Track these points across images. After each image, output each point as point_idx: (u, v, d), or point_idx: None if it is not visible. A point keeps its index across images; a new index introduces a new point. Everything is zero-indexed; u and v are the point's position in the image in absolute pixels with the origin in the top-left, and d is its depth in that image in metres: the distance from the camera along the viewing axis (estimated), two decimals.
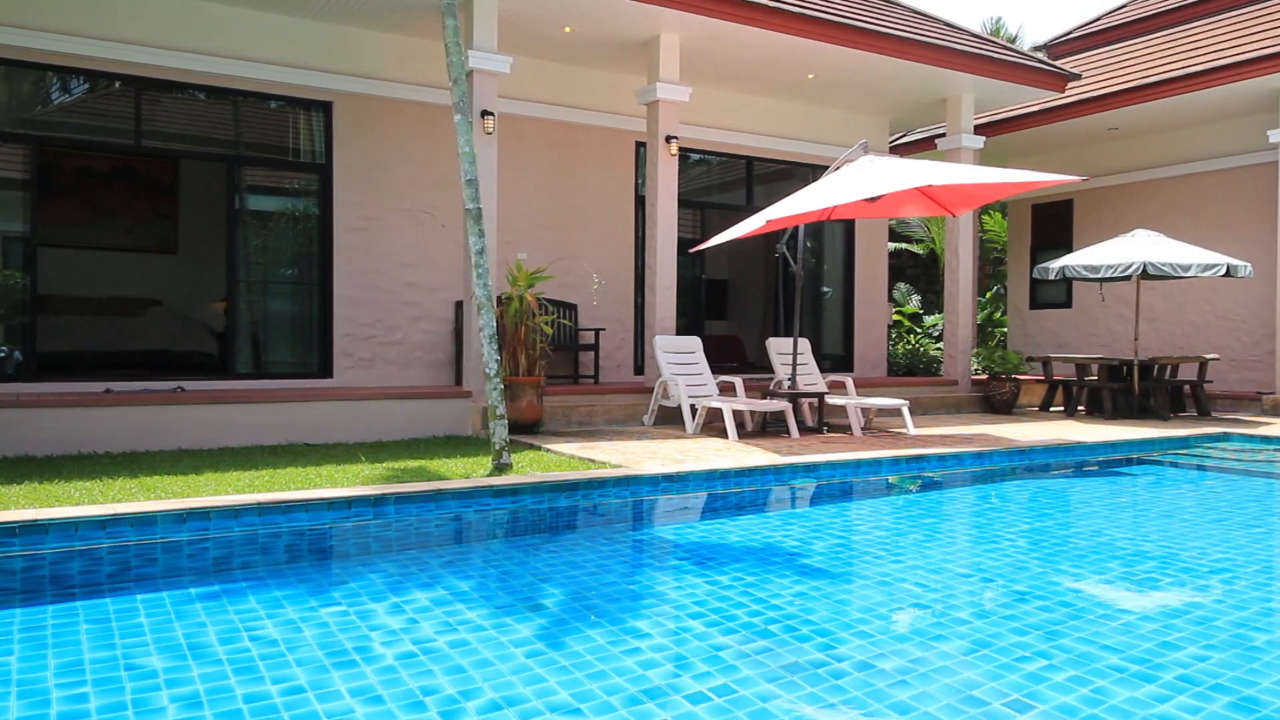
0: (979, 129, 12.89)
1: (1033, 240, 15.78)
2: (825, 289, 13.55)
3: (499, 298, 8.65)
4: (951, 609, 3.88)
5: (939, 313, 18.00)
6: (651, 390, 9.66)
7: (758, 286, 14.97)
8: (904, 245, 19.97)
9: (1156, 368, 11.47)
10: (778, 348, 10.23)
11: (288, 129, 9.71)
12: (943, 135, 12.47)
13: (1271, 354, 12.18)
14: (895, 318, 17.51)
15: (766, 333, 12.60)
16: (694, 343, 9.85)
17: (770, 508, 6.46)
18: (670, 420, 9.61)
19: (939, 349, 14.00)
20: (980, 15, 49.70)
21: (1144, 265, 10.26)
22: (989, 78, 11.39)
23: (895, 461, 7.37)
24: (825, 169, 10.00)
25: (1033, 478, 7.68)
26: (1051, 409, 12.25)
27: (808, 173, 12.44)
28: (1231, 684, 2.91)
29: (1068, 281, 14.48)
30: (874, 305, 13.56)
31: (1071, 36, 15.88)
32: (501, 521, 5.58)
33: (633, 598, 3.95)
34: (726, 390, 9.91)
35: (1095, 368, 11.81)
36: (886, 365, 13.66)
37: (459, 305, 9.85)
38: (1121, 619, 3.75)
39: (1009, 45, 12.30)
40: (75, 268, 10.57)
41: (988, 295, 19.44)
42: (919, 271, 20.67)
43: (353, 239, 9.71)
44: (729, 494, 6.48)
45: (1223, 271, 10.34)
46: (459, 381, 9.57)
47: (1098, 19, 15.88)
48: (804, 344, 10.31)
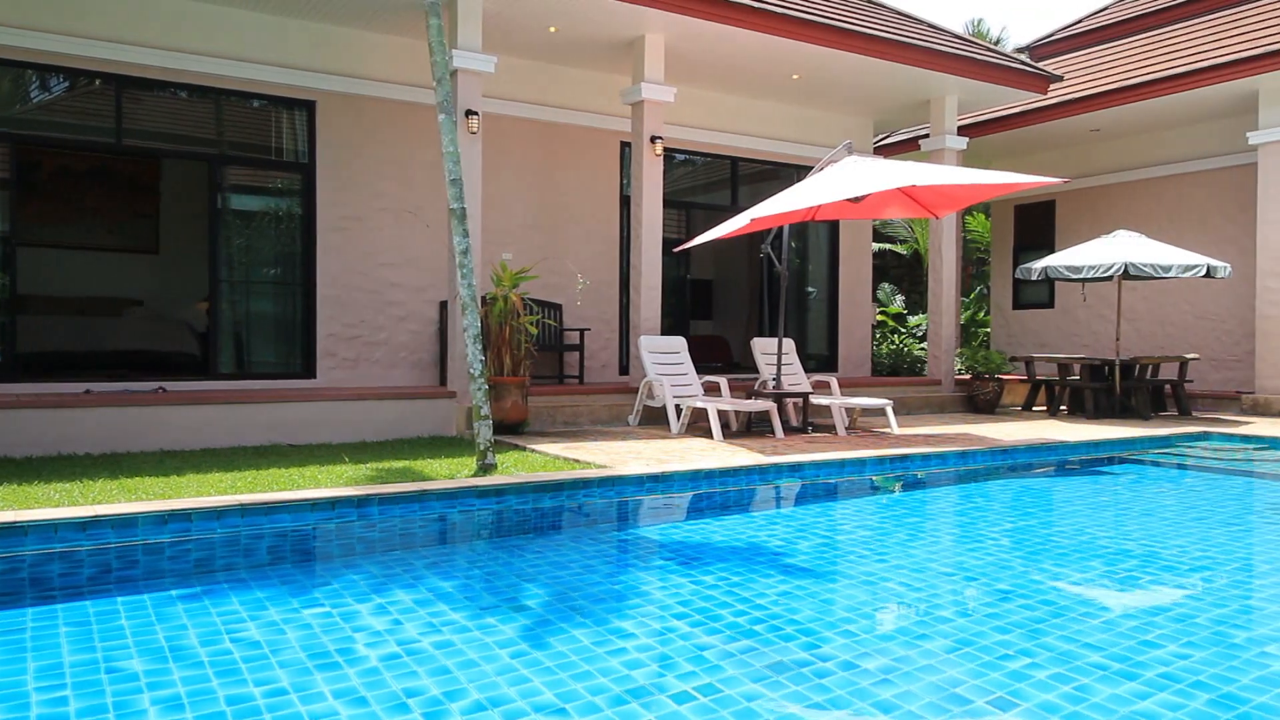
0: (962, 130, 12.96)
1: (1015, 241, 15.88)
2: (810, 289, 13.59)
3: (484, 298, 8.63)
4: (935, 608, 3.89)
5: (923, 313, 18.08)
6: (636, 390, 9.66)
7: (742, 287, 14.99)
8: (888, 246, 20.04)
9: (1138, 367, 11.56)
10: (762, 348, 10.25)
11: (270, 128, 9.65)
12: (926, 136, 12.53)
13: (1251, 354, 12.30)
14: (879, 318, 17.58)
15: (751, 333, 12.62)
16: (679, 343, 9.85)
17: (755, 507, 6.47)
18: (655, 420, 9.61)
19: (923, 349, 14.06)
20: (962, 17, 49.97)
21: (1125, 266, 10.34)
22: (972, 79, 11.45)
23: (879, 461, 7.40)
24: (810, 169, 10.02)
25: (1016, 477, 7.72)
26: (1034, 408, 12.32)
27: (792, 173, 12.47)
28: (1211, 681, 2.93)
29: (1050, 282, 14.58)
30: (858, 305, 13.60)
31: (1054, 38, 15.98)
32: (486, 522, 5.57)
33: (617, 598, 3.95)
34: (711, 390, 9.92)
35: (1077, 367, 11.89)
36: (871, 365, 13.71)
37: (443, 305, 9.82)
38: (1103, 617, 3.78)
39: (992, 47, 12.36)
40: (55, 267, 10.47)
41: (971, 295, 19.54)
42: (903, 272, 20.75)
43: (336, 239, 9.67)
44: (714, 494, 6.48)
45: (1203, 272, 10.43)
46: (443, 382, 9.54)
47: (1080, 21, 16.00)
48: (789, 344, 10.33)
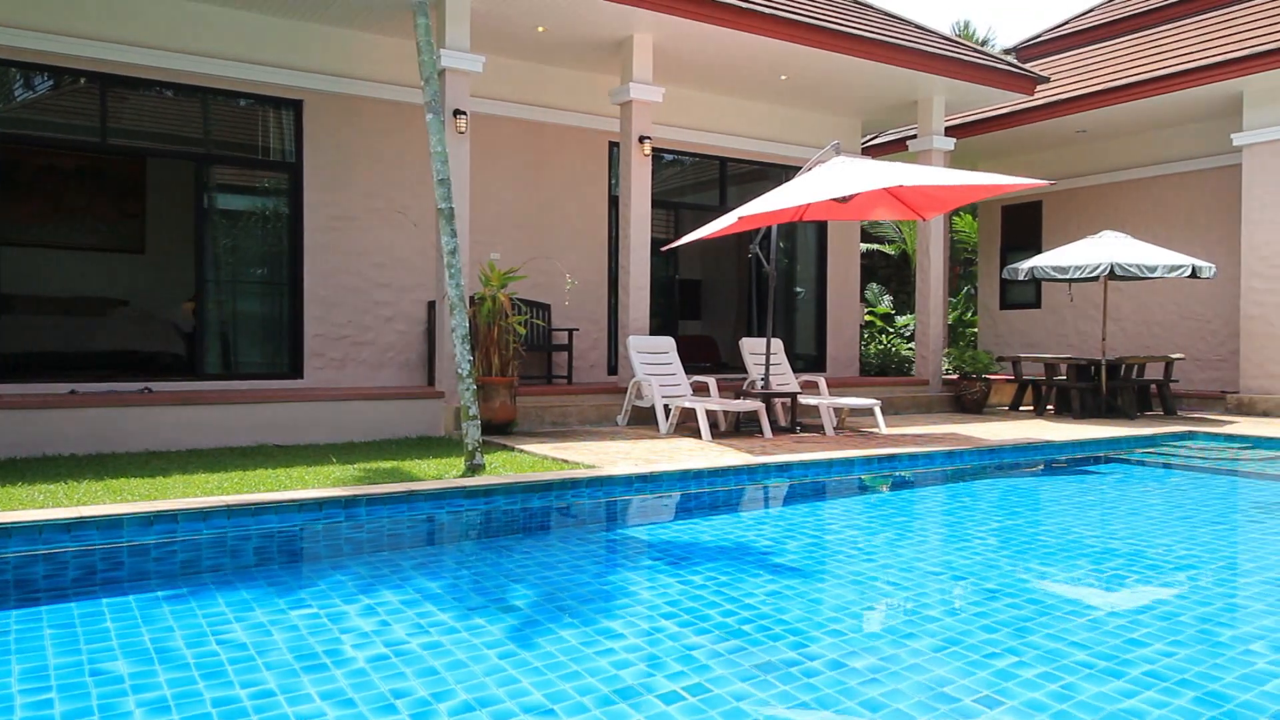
0: (950, 131, 13.02)
1: (1003, 241, 15.95)
2: (798, 289, 13.62)
3: (472, 298, 8.62)
4: (923, 607, 3.91)
5: (910, 313, 18.13)
6: (625, 390, 9.65)
7: (731, 287, 15.02)
8: (876, 246, 20.09)
9: (1123, 367, 11.63)
10: (751, 348, 10.26)
11: (257, 127, 9.61)
12: (914, 137, 12.57)
13: (1235, 353, 12.38)
14: (867, 318, 17.62)
15: (740, 333, 12.64)
16: (667, 343, 9.86)
17: (743, 507, 6.48)
18: (644, 420, 9.61)
19: (911, 349, 14.11)
20: (949, 18, 50.15)
21: (1111, 266, 10.40)
22: (959, 80, 11.49)
23: (867, 461, 7.42)
24: (798, 170, 10.05)
25: (1003, 476, 7.75)
26: (1021, 408, 12.38)
27: (780, 173, 12.49)
28: (1197, 679, 2.95)
29: (1037, 282, 14.64)
30: (846, 305, 13.64)
31: (1040, 40, 16.06)
32: (474, 523, 5.56)
33: (606, 598, 3.95)
34: (700, 390, 9.93)
35: (1064, 367, 11.95)
36: (859, 365, 13.75)
37: (432, 305, 9.80)
38: (1089, 615, 3.80)
39: (979, 48, 12.41)
40: (39, 267, 10.41)
41: (958, 296, 19.60)
42: (891, 272, 20.80)
43: (324, 238, 9.63)
44: (702, 494, 6.49)
45: (1188, 272, 10.50)
46: (431, 382, 9.52)
47: (1066, 22, 16.07)
48: (777, 344, 10.35)
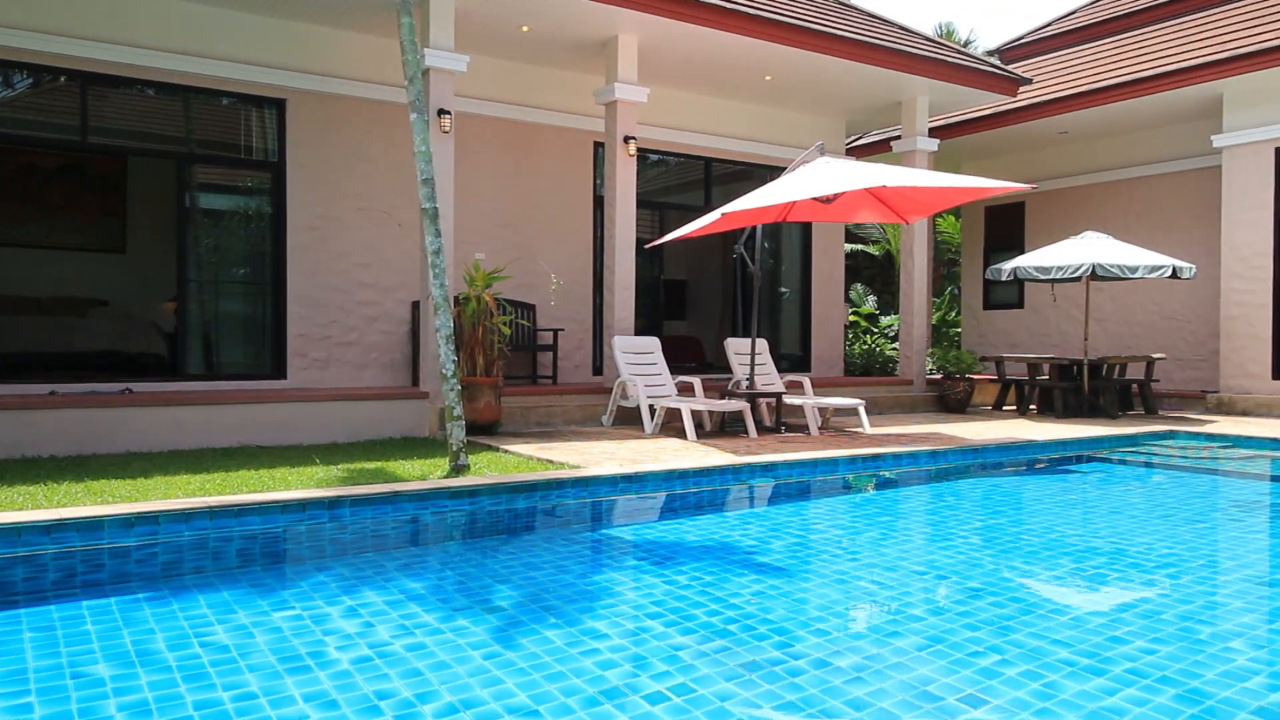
0: (934, 132, 13.08)
1: (986, 242, 16.03)
2: (783, 290, 13.64)
3: (456, 298, 8.59)
4: (907, 606, 3.92)
5: (895, 313, 18.20)
6: (610, 391, 9.65)
7: (716, 287, 15.03)
8: (860, 247, 20.17)
9: (1105, 367, 11.71)
10: (736, 348, 10.28)
11: (240, 126, 9.55)
12: (898, 138, 12.62)
13: (1216, 353, 12.49)
14: (852, 318, 17.68)
15: (725, 333, 12.66)
16: (652, 343, 9.86)
17: (728, 507, 6.48)
18: (629, 420, 9.61)
19: (895, 349, 14.16)
20: (932, 20, 50.39)
21: (1093, 266, 10.47)
22: (943, 81, 11.55)
23: (851, 460, 7.44)
24: (783, 170, 10.07)
25: (986, 476, 7.79)
26: (1004, 408, 12.44)
27: (765, 174, 12.51)
28: (1178, 676, 2.97)
29: (1020, 283, 14.73)
30: (831, 306, 13.68)
31: (1023, 41, 16.15)
32: (459, 523, 5.54)
33: (591, 598, 3.94)
34: (685, 390, 9.93)
35: (1046, 367, 12.02)
36: (843, 365, 13.79)
37: (416, 305, 9.76)
38: (1071, 614, 3.82)
39: (962, 49, 12.47)
40: (18, 266, 10.30)
41: (942, 296, 19.70)
42: (875, 272, 20.88)
43: (307, 238, 9.58)
44: (687, 494, 6.49)
45: (1169, 273, 10.58)
46: (416, 382, 9.48)
47: (1049, 24, 16.17)
48: (762, 344, 10.37)
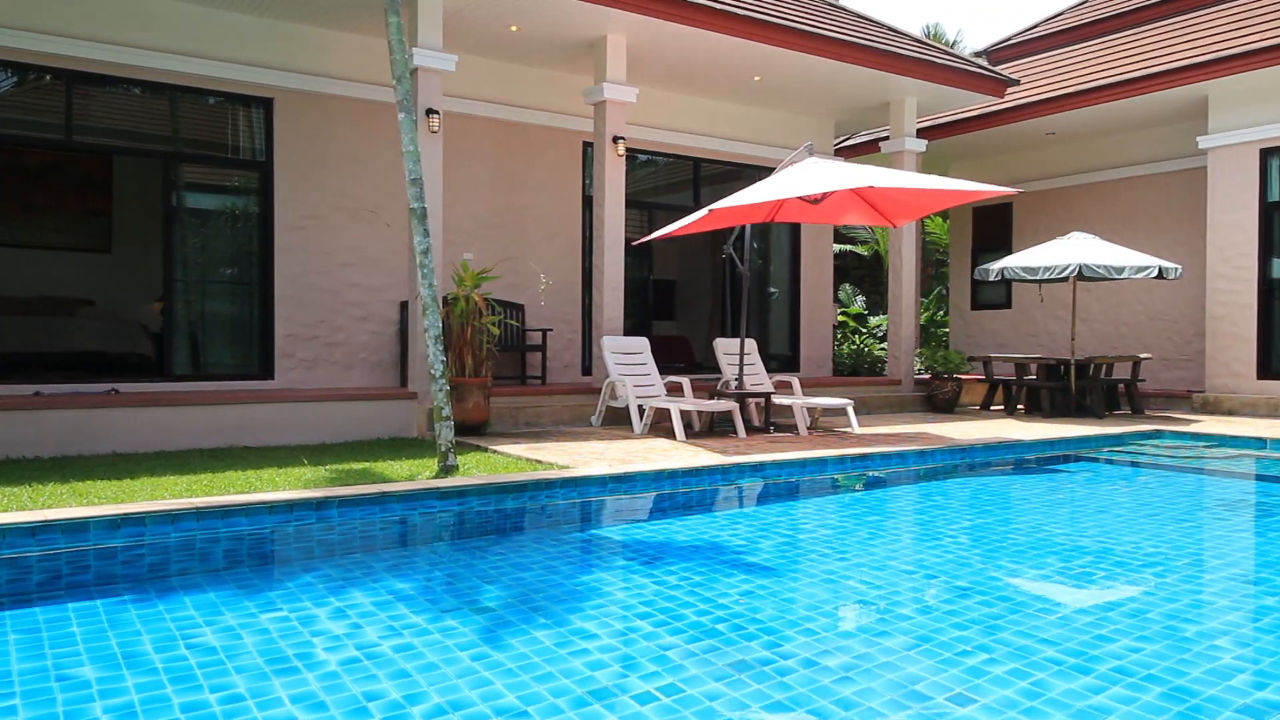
0: (922, 132, 13.12)
1: (974, 242, 16.09)
2: (772, 290, 13.66)
3: (445, 298, 8.57)
4: (895, 605, 3.93)
5: (883, 313, 18.24)
6: (599, 391, 9.64)
7: (705, 287, 15.04)
8: (849, 247, 20.21)
9: (1092, 367, 11.76)
10: (725, 348, 10.29)
11: (227, 125, 9.51)
12: (886, 138, 12.66)
13: (1201, 353, 12.57)
14: (840, 318, 17.72)
15: (714, 333, 12.67)
16: (641, 343, 9.86)
17: (717, 507, 6.49)
18: (618, 421, 9.60)
19: (883, 349, 14.20)
20: (920, 21, 50.56)
21: (1080, 267, 10.52)
22: (931, 82, 11.58)
23: (840, 460, 7.45)
24: (771, 170, 10.08)
25: (974, 475, 7.82)
26: (992, 407, 12.49)
27: (754, 174, 12.52)
28: (1164, 674, 2.99)
29: (1007, 283, 14.80)
30: (820, 306, 13.71)
31: (1011, 43, 16.22)
32: (447, 524, 5.53)
33: (580, 598, 3.94)
34: (674, 390, 9.94)
35: (1034, 367, 12.07)
36: (832, 365, 13.82)
37: (404, 305, 9.74)
38: (1059, 613, 3.84)
39: (950, 51, 12.52)
40: (2, 266, 10.24)
41: (930, 296, 19.76)
42: (864, 273, 20.93)
43: (294, 238, 9.54)
44: (676, 494, 6.49)
45: (1155, 273, 10.64)
46: (404, 383, 9.46)
47: (1036, 26, 16.25)
48: (751, 344, 10.38)
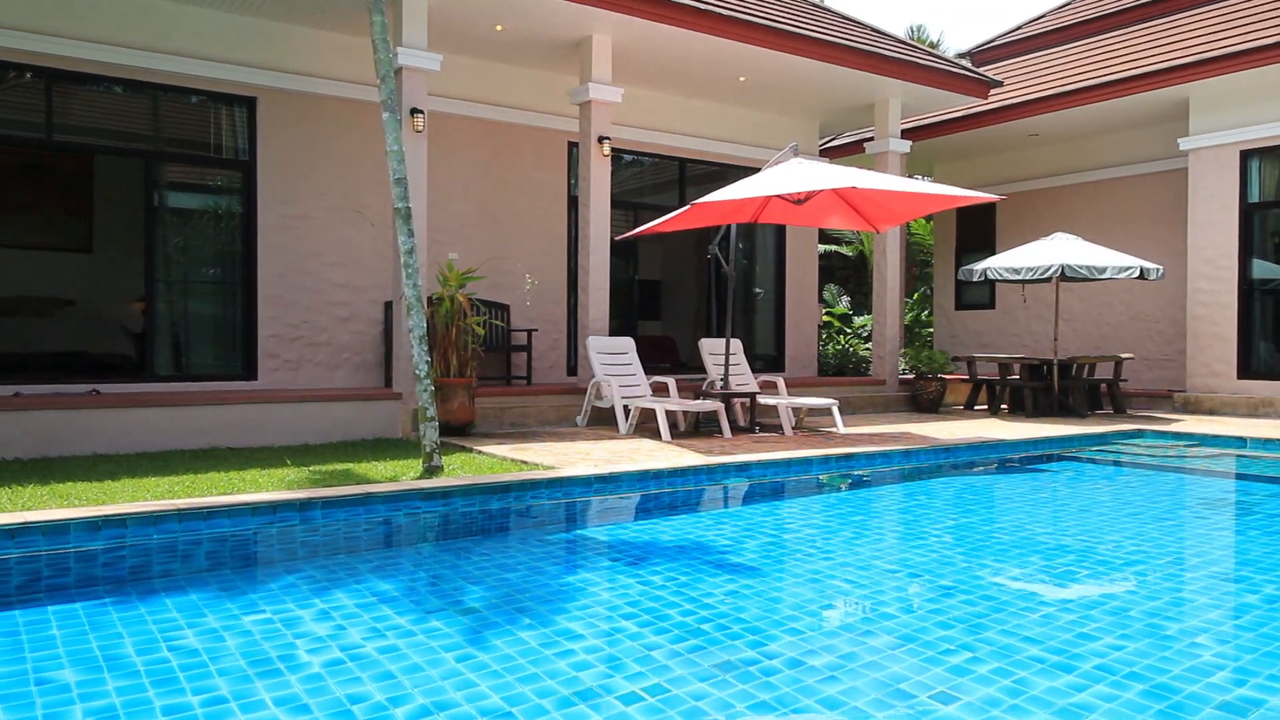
0: (906, 133, 13.18)
1: (957, 243, 16.16)
2: (757, 290, 13.69)
3: (430, 298, 8.55)
4: (880, 604, 3.94)
5: (868, 314, 18.31)
6: (585, 391, 9.63)
7: (690, 287, 15.05)
8: (834, 247, 20.28)
9: (1075, 367, 11.84)
10: (710, 348, 10.30)
11: (209, 124, 9.45)
12: (871, 139, 12.70)
13: (1182, 353, 12.67)
14: (825, 318, 17.77)
15: (699, 333, 12.68)
16: (627, 343, 9.86)
17: (703, 507, 6.50)
18: (603, 421, 9.60)
19: (868, 349, 14.24)
20: (904, 22, 50.79)
21: (1062, 267, 10.58)
22: (915, 83, 11.63)
23: (825, 460, 7.47)
24: (757, 170, 10.10)
25: (958, 475, 7.85)
26: (976, 407, 12.55)
27: (739, 174, 12.52)
28: (1145, 672, 3.01)
29: (991, 283, 14.88)
30: (805, 306, 13.74)
31: (994, 44, 16.31)
32: (432, 525, 5.51)
33: (565, 599, 3.93)
34: (660, 391, 9.94)
35: (1017, 367, 12.14)
36: (817, 365, 13.86)
37: (388, 306, 9.70)
38: (1042, 611, 3.86)
39: (934, 52, 12.57)
40: None
41: (914, 296, 19.85)
42: (849, 273, 21.00)
43: (278, 238, 9.49)
44: (662, 494, 6.49)
45: (1136, 273, 10.72)
46: (389, 383, 9.42)
47: (1020, 27, 16.34)
48: (736, 344, 10.40)
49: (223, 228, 9.53)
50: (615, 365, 9.56)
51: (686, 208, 8.54)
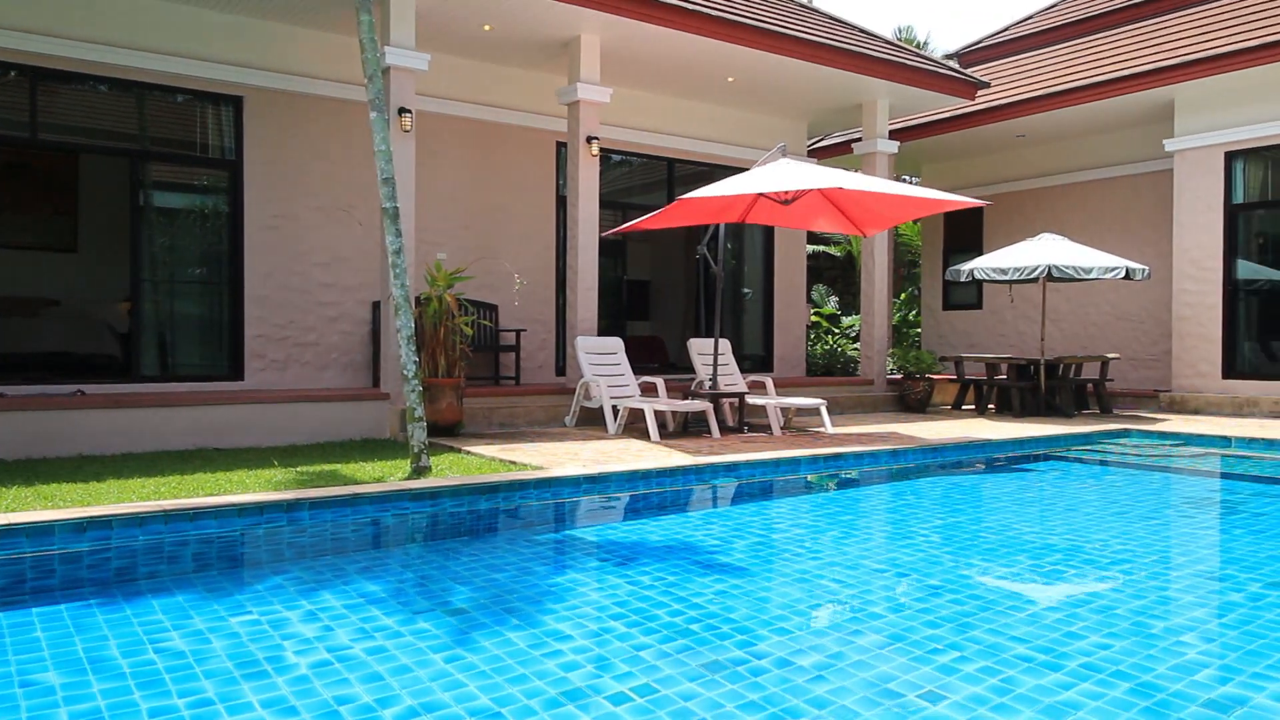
0: (894, 134, 13.21)
1: (945, 243, 16.23)
2: (746, 290, 13.70)
3: (418, 298, 8.52)
4: (868, 604, 3.95)
5: (856, 314, 18.36)
6: (573, 391, 9.63)
7: (679, 287, 15.06)
8: (822, 248, 20.32)
9: (1061, 367, 11.90)
10: (699, 348, 10.30)
11: (196, 123, 9.39)
12: (859, 140, 12.74)
13: (1168, 353, 12.75)
14: (814, 319, 17.81)
15: (688, 333, 12.68)
16: (616, 343, 9.85)
17: (691, 507, 6.50)
18: (592, 421, 9.59)
19: (856, 349, 14.28)
20: (891, 23, 50.95)
21: (1049, 268, 10.63)
22: (903, 84, 11.67)
23: (813, 460, 7.49)
24: (745, 170, 10.11)
25: (945, 474, 7.88)
26: (963, 407, 12.60)
27: (728, 174, 12.48)
28: (1131, 670, 3.02)
29: (978, 284, 14.93)
30: (793, 306, 13.76)
31: (982, 45, 16.37)
32: (420, 525, 5.50)
33: (553, 599, 3.93)
34: (648, 391, 9.94)
35: (1004, 367, 12.19)
36: (805, 365, 13.88)
37: (376, 306, 9.67)
38: (1029, 610, 3.88)
39: (921, 53, 12.61)
40: None
41: (902, 297, 19.91)
42: (837, 273, 21.05)
43: (265, 238, 9.45)
44: (650, 494, 6.49)
45: (1122, 274, 10.77)
46: (376, 383, 9.39)
47: (1007, 29, 16.41)
48: (725, 344, 10.40)
49: (209, 227, 9.48)
50: (604, 365, 9.56)
51: (673, 205, 8.54)
